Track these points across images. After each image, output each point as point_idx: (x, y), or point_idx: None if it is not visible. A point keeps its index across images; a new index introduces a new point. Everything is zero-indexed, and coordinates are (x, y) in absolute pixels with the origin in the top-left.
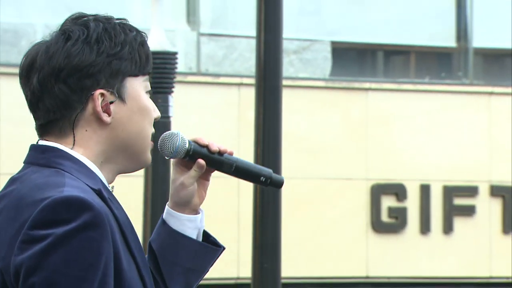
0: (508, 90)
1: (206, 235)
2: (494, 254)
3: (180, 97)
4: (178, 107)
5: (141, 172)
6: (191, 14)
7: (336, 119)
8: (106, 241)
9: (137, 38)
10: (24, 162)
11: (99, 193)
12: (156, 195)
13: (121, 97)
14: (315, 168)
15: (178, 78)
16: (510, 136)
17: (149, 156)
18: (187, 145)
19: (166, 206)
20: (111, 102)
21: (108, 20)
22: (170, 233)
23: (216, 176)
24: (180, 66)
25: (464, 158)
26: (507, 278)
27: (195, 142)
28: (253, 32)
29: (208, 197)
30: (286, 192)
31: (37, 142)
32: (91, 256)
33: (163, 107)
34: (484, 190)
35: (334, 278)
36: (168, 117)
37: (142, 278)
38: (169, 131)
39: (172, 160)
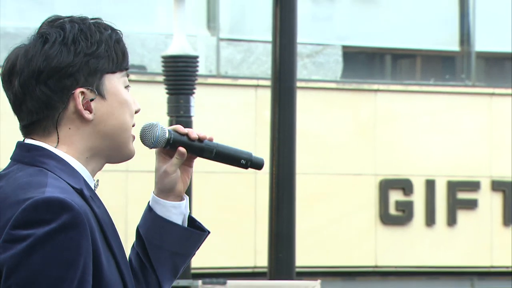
0: (508, 91)
1: (192, 220)
2: (495, 245)
3: (201, 98)
4: (199, 107)
5: None
6: (211, 21)
7: (347, 119)
8: (85, 240)
9: (112, 36)
10: (10, 159)
11: (80, 192)
12: None
13: (101, 94)
14: (327, 164)
15: (199, 80)
16: (510, 134)
17: (132, 148)
18: (167, 135)
19: (152, 193)
20: (92, 99)
21: (83, 20)
22: (156, 219)
23: (234, 172)
24: (201, 69)
25: (467, 155)
26: (507, 267)
27: (175, 131)
28: (269, 37)
29: (227, 191)
30: (300, 187)
31: (24, 140)
32: (70, 256)
33: (185, 107)
34: (485, 185)
35: (345, 267)
36: (190, 117)
37: (122, 274)
38: (148, 122)
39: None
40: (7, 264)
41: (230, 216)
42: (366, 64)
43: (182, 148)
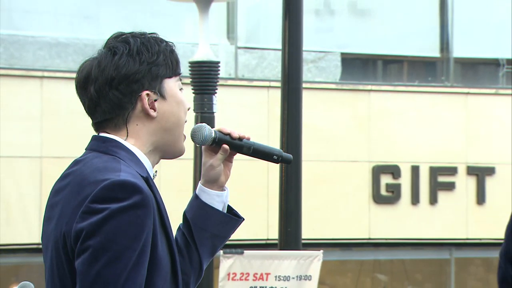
0: (481, 91)
1: (230, 208)
2: (470, 221)
3: (221, 97)
4: (220, 105)
5: (191, 155)
6: (230, 32)
7: (345, 114)
8: (149, 220)
9: (167, 47)
10: (86, 149)
11: (146, 179)
12: None
13: (162, 95)
14: (328, 152)
15: (220, 82)
16: (483, 127)
17: (183, 145)
18: (213, 134)
19: (199, 183)
20: (155, 100)
21: (143, 35)
22: (201, 205)
23: (250, 159)
24: (222, 73)
25: (446, 144)
26: (480, 239)
27: (220, 131)
28: (279, 45)
29: (244, 176)
30: (305, 172)
31: (98, 134)
32: (136, 230)
33: (208, 104)
34: (462, 170)
35: (343, 239)
36: (212, 113)
37: (172, 251)
38: (198, 124)
39: (202, 146)
40: (85, 229)
41: (246, 196)
42: (361, 68)
43: (226, 145)
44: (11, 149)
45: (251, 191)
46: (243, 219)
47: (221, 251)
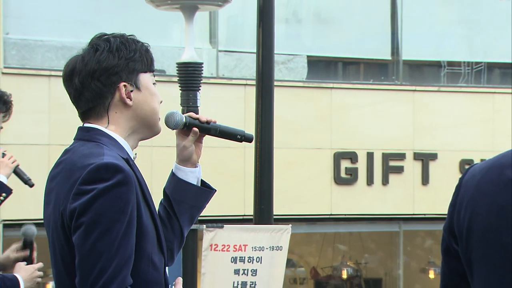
0: (426, 88)
1: (203, 182)
2: (416, 199)
3: (205, 93)
4: (204, 100)
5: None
6: (212, 37)
7: (310, 108)
8: (132, 195)
9: (143, 47)
10: (74, 139)
11: (126, 160)
12: None
13: (137, 87)
14: (296, 141)
15: (204, 80)
16: (427, 119)
17: (160, 126)
18: (184, 119)
19: (175, 163)
20: (131, 91)
21: (122, 35)
22: (178, 181)
23: (229, 147)
24: (205, 72)
25: (396, 134)
26: (424, 214)
27: (190, 116)
28: (254, 49)
29: (224, 161)
30: (277, 157)
31: (83, 125)
32: (122, 204)
33: (193, 100)
34: (409, 156)
35: (309, 215)
36: (197, 107)
37: (154, 221)
38: (170, 111)
39: (175, 130)
40: (78, 208)
41: (226, 178)
42: (324, 68)
43: (196, 128)
44: (23, 138)
45: (230, 174)
46: (215, 190)
47: (204, 226)
